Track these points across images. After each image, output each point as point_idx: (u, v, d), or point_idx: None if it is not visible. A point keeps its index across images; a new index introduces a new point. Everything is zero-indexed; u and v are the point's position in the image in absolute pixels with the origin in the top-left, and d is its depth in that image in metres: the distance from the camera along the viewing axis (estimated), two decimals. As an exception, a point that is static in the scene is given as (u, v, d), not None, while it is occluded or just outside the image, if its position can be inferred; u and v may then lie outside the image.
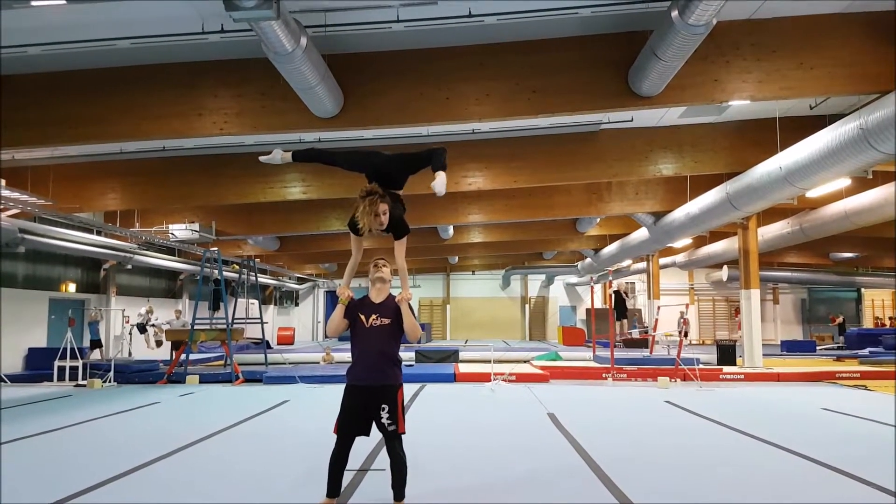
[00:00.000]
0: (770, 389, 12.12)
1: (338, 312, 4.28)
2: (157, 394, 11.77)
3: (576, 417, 8.60)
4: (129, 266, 20.05)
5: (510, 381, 13.00)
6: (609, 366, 13.94)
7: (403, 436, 4.20)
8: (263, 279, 28.63)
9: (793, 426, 7.97)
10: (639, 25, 8.45)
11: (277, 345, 27.62)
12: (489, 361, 13.92)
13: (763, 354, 15.13)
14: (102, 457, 6.41)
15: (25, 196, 12.44)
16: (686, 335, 15.06)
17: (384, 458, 4.18)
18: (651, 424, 8.26)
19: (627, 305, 24.08)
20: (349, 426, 4.16)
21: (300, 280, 34.72)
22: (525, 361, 16.99)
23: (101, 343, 18.10)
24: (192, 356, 15.79)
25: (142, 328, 20.07)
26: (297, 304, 36.87)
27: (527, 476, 5.50)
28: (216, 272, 16.19)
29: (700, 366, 13.71)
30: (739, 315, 15.77)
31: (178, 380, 13.85)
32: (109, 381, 13.58)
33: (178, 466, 5.99)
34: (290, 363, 17.66)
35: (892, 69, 8.22)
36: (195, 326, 14.87)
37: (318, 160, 4.91)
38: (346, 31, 8.53)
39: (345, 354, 15.99)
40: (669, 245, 19.68)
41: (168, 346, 17.86)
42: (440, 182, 4.30)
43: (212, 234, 17.32)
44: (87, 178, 14.09)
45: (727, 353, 15.66)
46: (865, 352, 19.15)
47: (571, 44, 8.90)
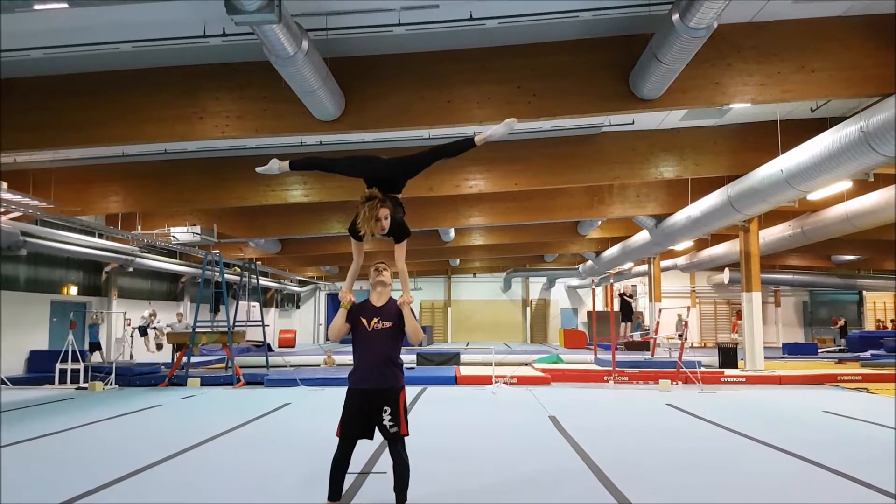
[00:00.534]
0: (772, 392, 12.10)
1: (340, 317, 4.30)
2: (159, 397, 11.78)
3: (577, 420, 8.60)
4: (131, 269, 20.08)
5: (511, 384, 13.00)
6: (610, 368, 13.93)
7: (406, 438, 4.21)
8: (265, 282, 28.66)
9: (794, 429, 7.97)
10: (640, 28, 8.45)
11: (279, 347, 27.63)
12: (490, 364, 13.92)
13: (764, 357, 15.11)
14: (104, 459, 6.42)
15: (27, 199, 12.46)
16: (682, 337, 15.06)
17: (386, 461, 4.18)
18: (652, 427, 8.26)
19: (632, 308, 24.05)
20: (352, 429, 4.17)
21: (301, 283, 34.73)
22: (526, 364, 16.99)
23: (101, 346, 18.13)
24: (194, 359, 15.80)
25: (143, 331, 20.09)
26: (299, 307, 36.89)
27: (528, 479, 5.50)
28: (218, 275, 16.20)
29: (701, 368, 13.71)
30: (740, 319, 15.77)
31: (180, 383, 13.86)
32: (111, 384, 13.58)
33: (180, 469, 6.00)
34: (292, 366, 17.68)
35: (893, 72, 8.21)
36: (196, 329, 14.88)
37: (316, 167, 4.90)
38: (348, 35, 8.54)
39: (346, 357, 15.99)
40: (671, 248, 19.67)
41: (169, 349, 17.93)
42: (495, 128, 4.45)
43: (213, 237, 17.35)
44: (89, 181, 14.11)
45: (728, 356, 15.66)
46: (867, 354, 19.14)
47: (573, 47, 8.90)
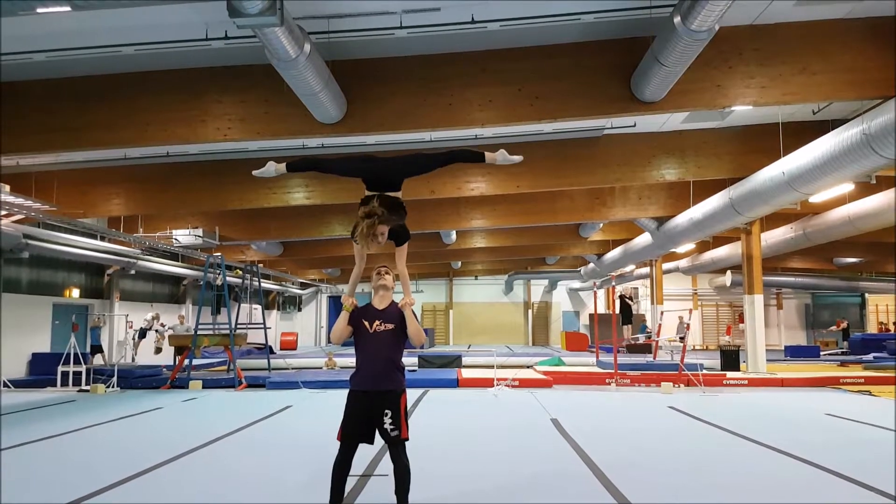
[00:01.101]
0: (774, 395, 12.08)
1: (342, 319, 4.31)
2: (161, 399, 11.79)
3: (579, 423, 8.59)
4: (133, 271, 20.11)
5: (513, 387, 12.99)
6: (612, 371, 13.92)
7: (407, 442, 4.19)
8: (266, 284, 28.66)
9: (796, 432, 7.95)
10: (641, 31, 8.46)
11: (280, 350, 27.65)
12: (492, 367, 13.92)
13: (767, 360, 15.09)
14: (107, 461, 6.43)
15: (30, 202, 12.49)
16: (684, 340, 15.03)
17: (388, 464, 4.18)
18: (654, 430, 8.25)
19: (633, 310, 24.06)
20: (353, 432, 4.16)
21: (303, 285, 34.74)
22: (528, 367, 16.96)
23: (102, 348, 18.14)
24: (195, 361, 15.80)
25: (143, 333, 20.10)
26: (301, 310, 36.90)
27: (530, 481, 5.50)
28: (219, 277, 16.21)
29: (703, 371, 13.69)
30: (742, 322, 15.74)
31: (182, 385, 13.87)
32: (113, 387, 13.59)
33: (183, 471, 6.00)
34: (293, 368, 17.68)
35: (894, 74, 8.22)
36: (198, 331, 14.89)
37: (314, 169, 4.85)
38: (350, 38, 8.56)
39: (348, 360, 15.99)
40: (672, 250, 19.66)
41: (169, 352, 17.92)
42: (503, 155, 4.85)
43: (215, 240, 17.37)
44: (91, 184, 14.14)
45: (730, 359, 15.63)
46: (870, 357, 19.09)
47: (574, 49, 8.91)
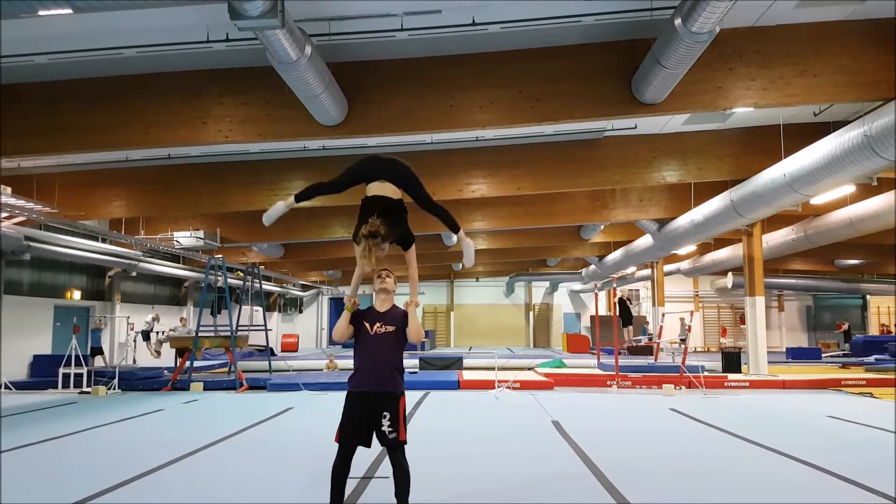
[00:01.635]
0: (775, 397, 12.06)
1: (344, 318, 4.33)
2: (162, 401, 11.78)
3: (580, 425, 8.57)
4: (134, 273, 20.11)
5: (514, 389, 12.98)
6: (613, 373, 13.90)
7: (405, 445, 4.18)
8: (267, 286, 28.69)
9: (798, 434, 7.94)
10: (642, 33, 8.47)
11: (281, 352, 27.63)
12: (493, 368, 13.91)
13: (768, 362, 15.07)
14: (109, 463, 6.43)
15: (31, 204, 12.50)
16: (685, 342, 15.02)
17: (387, 466, 4.18)
18: (655, 432, 8.23)
19: (632, 312, 24.02)
20: (351, 434, 4.15)
21: (304, 287, 34.75)
22: (529, 369, 16.95)
23: (102, 350, 18.13)
24: (197, 363, 15.80)
25: (145, 335, 20.10)
26: (302, 312, 36.91)
27: (531, 482, 5.49)
28: (221, 279, 16.22)
29: (705, 373, 13.67)
30: (743, 324, 15.72)
31: (183, 387, 13.88)
32: (114, 389, 13.60)
33: (185, 472, 6.00)
34: (294, 370, 17.68)
35: (895, 76, 8.22)
36: (199, 333, 14.89)
37: (320, 193, 4.83)
38: (351, 40, 8.58)
39: (349, 361, 15.96)
40: (674, 252, 19.65)
41: (170, 354, 17.93)
42: (469, 251, 5.10)
43: (216, 242, 17.37)
44: (93, 186, 14.16)
45: (732, 361, 15.61)
46: (871, 359, 19.05)
47: (575, 51, 8.92)
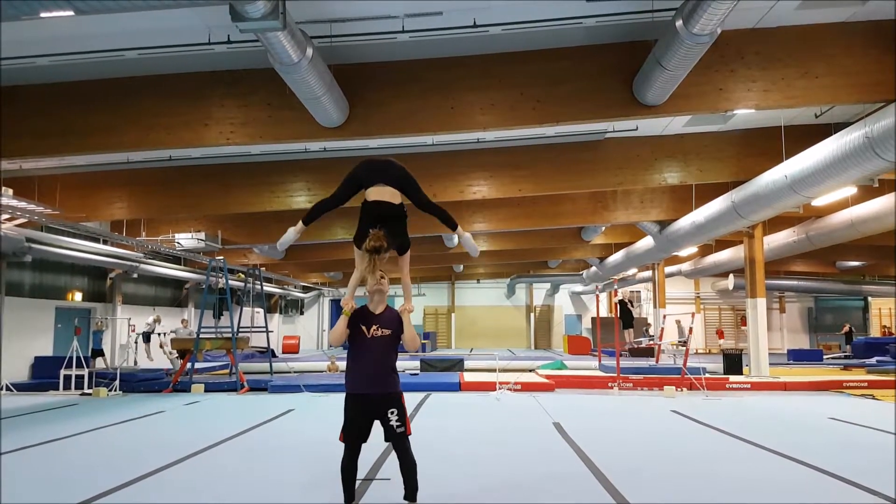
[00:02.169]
0: (777, 399, 12.05)
1: (341, 323, 4.39)
2: (163, 402, 11.79)
3: (581, 426, 8.56)
4: (135, 275, 20.14)
5: (515, 390, 12.97)
6: (615, 375, 13.89)
7: (410, 444, 4.32)
8: (269, 288, 28.69)
9: (800, 435, 7.93)
10: (643, 35, 8.47)
11: (282, 353, 27.63)
12: (494, 370, 13.90)
13: (769, 363, 15.06)
14: (110, 464, 6.43)
15: (32, 205, 12.51)
16: (686, 344, 15.00)
17: (389, 468, 4.19)
18: (657, 433, 8.23)
19: (633, 314, 24.03)
20: (356, 433, 4.29)
21: (305, 289, 34.76)
22: (530, 370, 16.94)
23: (104, 352, 18.15)
24: (198, 365, 15.80)
25: (147, 337, 20.12)
26: (303, 313, 36.92)
27: (531, 484, 5.49)
28: (222, 281, 16.22)
29: (706, 375, 13.66)
30: (744, 325, 15.71)
31: (184, 389, 13.89)
32: (115, 390, 13.60)
33: (186, 474, 6.00)
34: (295, 372, 17.67)
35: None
36: (200, 335, 14.90)
37: (324, 210, 4.82)
38: (352, 42, 8.59)
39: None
40: (675, 253, 19.63)
41: (162, 358, 17.94)
42: (470, 244, 5.19)
43: (217, 243, 17.38)
44: (94, 188, 14.16)
45: (733, 362, 15.60)
46: (873, 361, 19.03)
47: (576, 53, 8.92)
